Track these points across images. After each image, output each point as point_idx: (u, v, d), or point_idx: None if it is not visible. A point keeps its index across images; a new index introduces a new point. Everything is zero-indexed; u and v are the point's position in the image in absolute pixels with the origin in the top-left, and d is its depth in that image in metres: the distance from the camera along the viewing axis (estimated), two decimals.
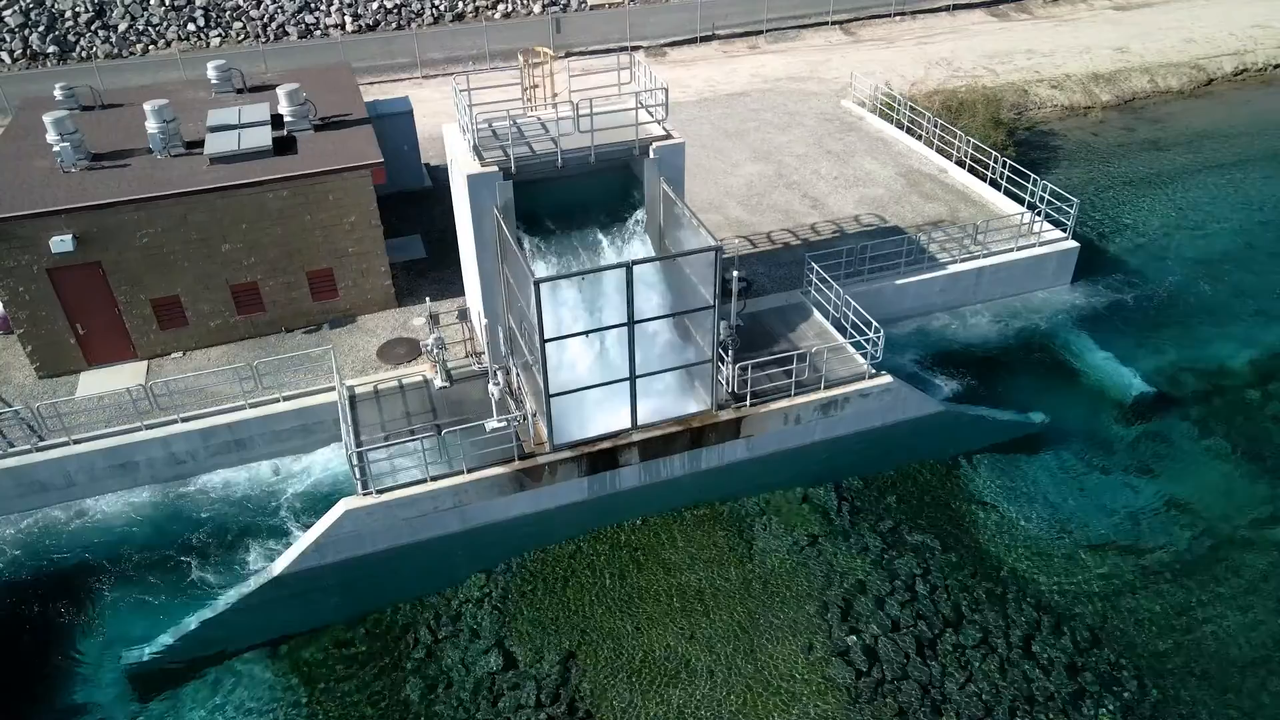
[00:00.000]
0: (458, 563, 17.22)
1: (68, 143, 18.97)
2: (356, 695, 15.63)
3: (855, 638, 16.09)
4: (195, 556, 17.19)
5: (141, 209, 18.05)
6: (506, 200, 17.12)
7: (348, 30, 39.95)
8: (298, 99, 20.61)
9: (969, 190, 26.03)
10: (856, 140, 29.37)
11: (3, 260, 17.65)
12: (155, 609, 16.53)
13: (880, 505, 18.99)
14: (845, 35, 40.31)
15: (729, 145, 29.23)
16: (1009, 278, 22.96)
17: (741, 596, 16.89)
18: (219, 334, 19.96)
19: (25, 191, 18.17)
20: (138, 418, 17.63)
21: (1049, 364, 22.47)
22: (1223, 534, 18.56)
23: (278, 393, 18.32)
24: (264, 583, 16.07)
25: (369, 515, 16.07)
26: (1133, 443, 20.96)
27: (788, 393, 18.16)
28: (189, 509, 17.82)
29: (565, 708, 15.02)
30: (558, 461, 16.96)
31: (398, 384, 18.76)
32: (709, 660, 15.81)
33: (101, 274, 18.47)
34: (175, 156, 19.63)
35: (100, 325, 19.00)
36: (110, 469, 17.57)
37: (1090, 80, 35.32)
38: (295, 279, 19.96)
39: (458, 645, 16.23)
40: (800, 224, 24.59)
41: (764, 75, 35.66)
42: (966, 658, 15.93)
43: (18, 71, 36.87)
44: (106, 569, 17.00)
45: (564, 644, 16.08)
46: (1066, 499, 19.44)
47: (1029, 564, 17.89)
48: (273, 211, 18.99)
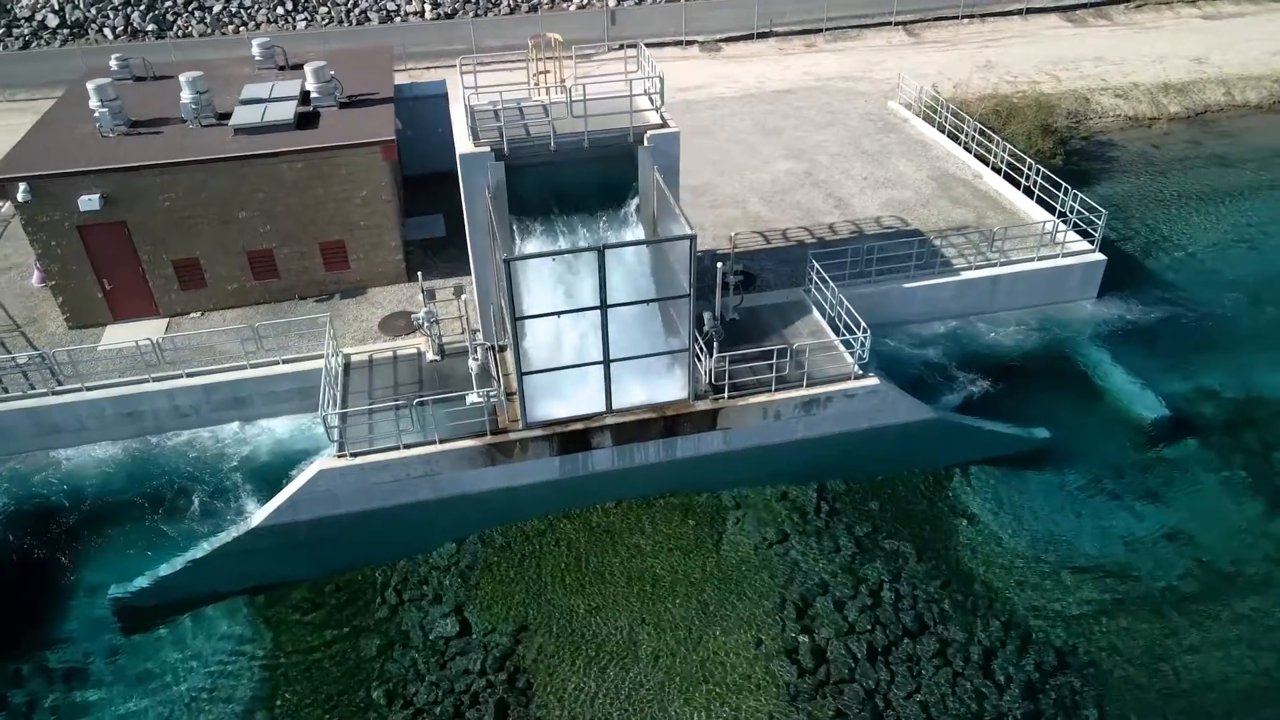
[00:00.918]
0: (433, 530, 17.71)
1: (107, 109, 20.20)
2: (318, 648, 16.28)
3: (806, 637, 15.93)
4: (187, 503, 18.17)
5: (164, 174, 19.12)
6: (499, 181, 17.49)
7: (426, 17, 41.08)
8: (324, 76, 21.45)
9: (1000, 197, 25.25)
10: (894, 142, 28.79)
11: (37, 215, 18.95)
12: (145, 549, 17.55)
13: (861, 509, 18.70)
14: (907, 36, 39.47)
15: (764, 141, 29.03)
16: (1028, 288, 22.21)
17: (700, 586, 16.90)
18: (235, 297, 20.96)
19: (62, 152, 19.46)
20: (146, 371, 18.70)
21: (1064, 379, 21.66)
22: (1220, 571, 17.66)
23: (278, 356, 19.15)
24: (243, 533, 16.85)
25: (342, 476, 16.69)
26: (1144, 468, 20.08)
27: (768, 388, 18.04)
28: (188, 458, 18.80)
29: (506, 677, 15.34)
30: (529, 439, 17.28)
31: (392, 355, 19.37)
32: (656, 645, 15.90)
33: (127, 233, 19.63)
34: (206, 126, 20.68)
35: (125, 282, 20.20)
36: (118, 417, 18.70)
37: (1159, 90, 33.72)
38: (308, 249, 20.81)
39: (420, 608, 16.73)
40: (818, 223, 24.30)
41: (815, 74, 35.25)
42: (919, 668, 15.61)
43: (118, 44, 39.18)
44: (107, 509, 18.11)
45: (518, 616, 16.41)
46: (1060, 519, 18.78)
47: (1005, 581, 17.38)
48: (287, 182, 19.84)
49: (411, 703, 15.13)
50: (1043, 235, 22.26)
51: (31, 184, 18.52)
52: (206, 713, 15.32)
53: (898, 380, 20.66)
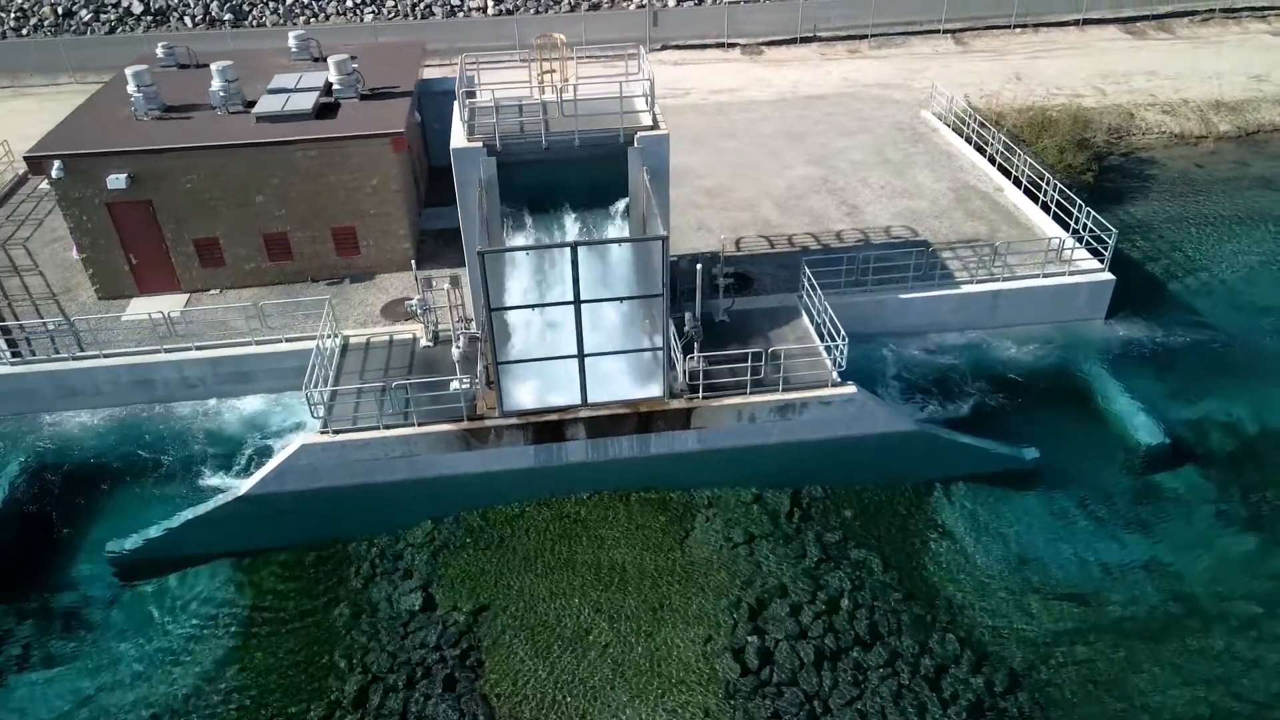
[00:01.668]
0: (412, 508, 18.37)
1: (141, 94, 21.46)
2: (293, 613, 17.13)
3: (756, 638, 16.11)
4: (187, 468, 19.22)
5: (186, 157, 20.25)
6: (490, 175, 18.06)
7: (489, 13, 42.12)
8: (346, 69, 22.37)
9: (1017, 212, 24.83)
10: (920, 152, 28.52)
11: (69, 192, 20.28)
12: (144, 508, 18.64)
13: (834, 517, 18.76)
14: (956, 44, 38.88)
15: (787, 146, 29.07)
16: (1031, 304, 21.85)
17: (659, 581, 17.22)
18: (252, 277, 22.03)
19: (96, 133, 20.77)
20: (159, 342, 19.86)
21: (1062, 399, 21.24)
22: (1199, 607, 17.17)
23: (282, 334, 20.10)
24: (232, 499, 17.80)
25: (324, 452, 17.50)
26: (1136, 496, 19.63)
27: (743, 390, 18.23)
28: (192, 427, 19.89)
29: (459, 653, 15.93)
30: (504, 427, 17.83)
31: (388, 339, 20.16)
32: (608, 635, 16.28)
33: (152, 212, 20.84)
34: (233, 113, 21.80)
35: (150, 258, 21.44)
36: (132, 384, 19.90)
37: (1210, 108, 32.55)
38: (321, 233, 21.75)
39: (391, 582, 17.45)
40: (826, 229, 24.29)
41: (853, 80, 35.04)
42: (865, 677, 15.66)
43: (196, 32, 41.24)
44: (114, 469, 19.30)
45: (481, 597, 16.99)
46: (1038, 541, 18.52)
47: (969, 598, 17.25)
48: (301, 169, 20.79)
49: (369, 670, 15.83)
50: (1048, 252, 21.86)
51: (65, 162, 19.83)
52: (184, 664, 16.28)
53: (885, 389, 20.76)
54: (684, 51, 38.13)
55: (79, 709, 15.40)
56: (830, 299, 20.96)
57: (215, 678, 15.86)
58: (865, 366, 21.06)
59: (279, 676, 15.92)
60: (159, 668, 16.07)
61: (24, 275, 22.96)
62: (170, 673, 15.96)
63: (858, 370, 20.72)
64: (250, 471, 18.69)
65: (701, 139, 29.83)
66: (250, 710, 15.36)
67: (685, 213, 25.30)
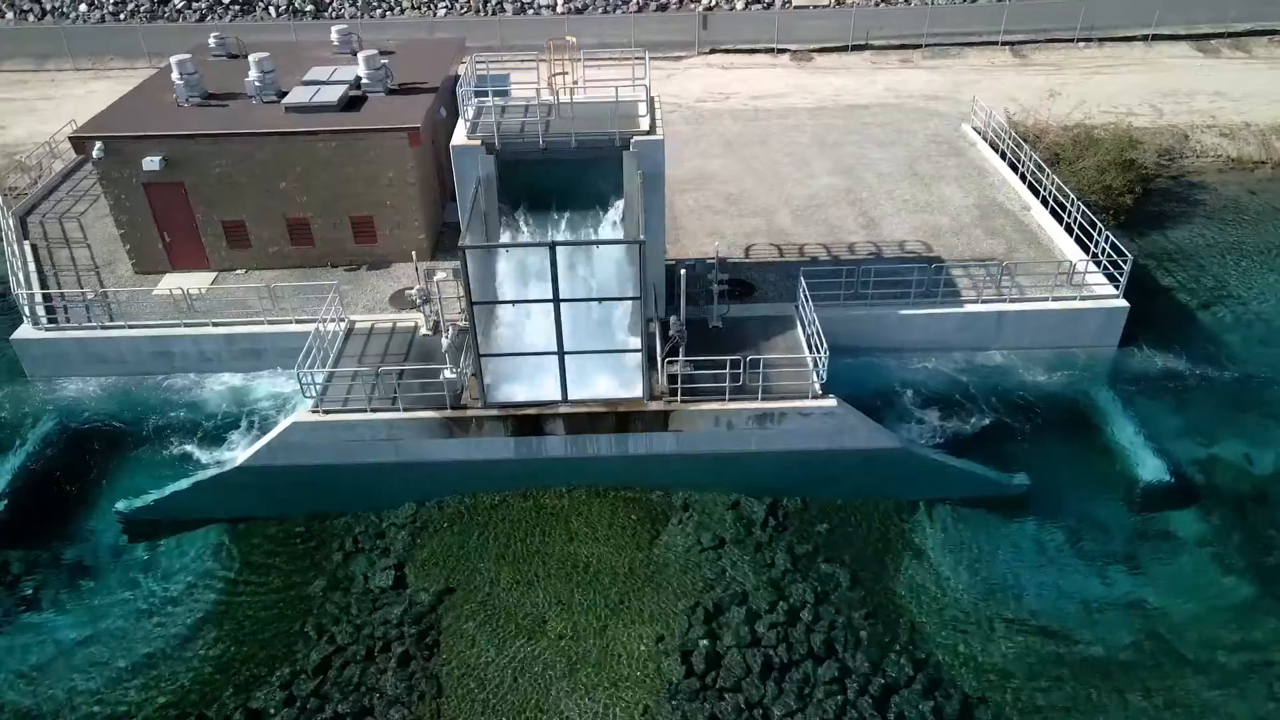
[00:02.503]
0: (399, 489, 19.03)
1: (183, 82, 22.73)
2: (274, 580, 17.99)
3: (707, 642, 16.27)
4: (195, 437, 20.34)
5: (215, 143, 21.38)
6: (489, 173, 18.63)
7: (558, 10, 42.78)
8: (374, 65, 23.23)
9: (1040, 232, 24.24)
10: (953, 166, 28.03)
11: (110, 171, 21.64)
12: (153, 472, 19.80)
13: (809, 529, 18.76)
14: (1013, 57, 37.95)
15: (817, 155, 28.93)
16: (1038, 327, 21.35)
17: (622, 578, 17.52)
18: (275, 259, 23.11)
19: (139, 117, 22.11)
20: (178, 317, 21.06)
21: (1063, 427, 20.74)
22: (1176, 651, 16.59)
23: (293, 315, 21.07)
24: (229, 470, 18.81)
25: (313, 430, 18.33)
26: (1132, 533, 19.05)
27: (721, 396, 18.36)
28: (205, 397, 21.05)
29: (418, 632, 16.52)
30: (485, 418, 18.37)
31: (392, 326, 20.93)
32: (564, 626, 16.67)
33: (184, 193, 22.06)
34: (267, 103, 22.90)
35: (182, 236, 22.70)
36: (153, 355, 21.15)
37: (1273, 132, 31.06)
38: (340, 221, 22.68)
39: (369, 559, 18.18)
40: (839, 240, 24.14)
41: (899, 90, 34.57)
42: (811, 691, 15.67)
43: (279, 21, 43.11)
44: (129, 433, 20.53)
45: (449, 579, 17.57)
46: (1017, 570, 18.14)
47: (933, 620, 17.05)
48: (322, 159, 21.72)
49: (335, 640, 16.55)
50: (1058, 275, 21.32)
51: (105, 143, 21.17)
52: (171, 616, 17.25)
53: (878, 405, 20.56)
54: (732, 56, 38.18)
55: (65, 654, 16.51)
56: (830, 311, 20.95)
57: (193, 636, 16.81)
58: (860, 381, 20.97)
59: (252, 639, 16.77)
60: (144, 622, 17.09)
61: (73, 247, 24.63)
62: (153, 628, 16.98)
63: (852, 384, 20.72)
64: (251, 443, 19.68)
65: (732, 144, 29.92)
66: (220, 668, 16.24)
67: (700, 217, 25.48)
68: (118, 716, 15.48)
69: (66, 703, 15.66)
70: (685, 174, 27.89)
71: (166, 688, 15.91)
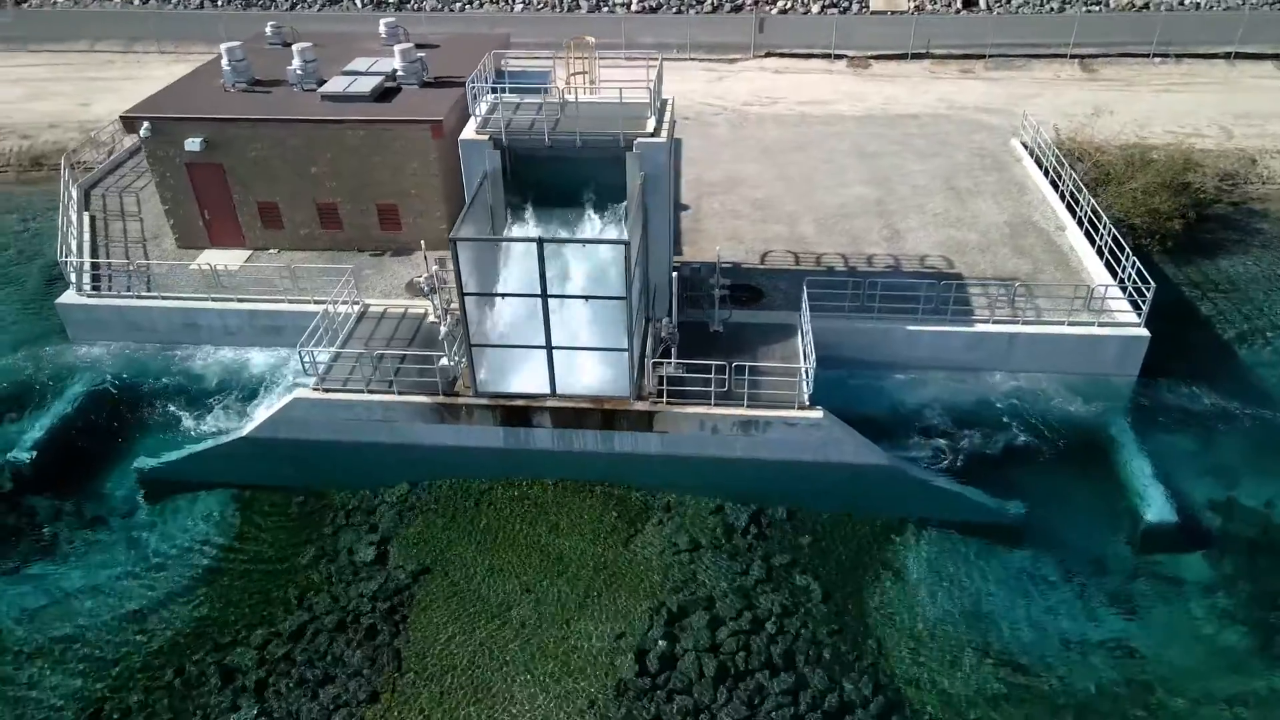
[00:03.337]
0: (395, 469, 19.67)
1: (231, 68, 23.89)
2: (267, 549, 18.83)
3: (665, 643, 16.38)
4: (215, 404, 21.44)
5: (252, 127, 22.42)
6: (495, 168, 19.08)
7: (633, 9, 43.11)
8: (410, 58, 23.97)
9: (1070, 254, 23.43)
10: (992, 181, 27.29)
11: (156, 150, 22.93)
12: (172, 435, 20.97)
13: (790, 540, 18.66)
14: (1082, 71, 36.60)
15: (854, 164, 28.52)
16: (1051, 351, 20.67)
17: (593, 573, 17.76)
18: (306, 241, 24.10)
19: (185, 100, 23.34)
20: (206, 291, 22.19)
21: (1069, 457, 20.05)
22: (1156, 700, 16.00)
23: (312, 295, 21.95)
24: (236, 439, 19.76)
25: (313, 406, 19.11)
26: (1132, 573, 18.34)
27: (706, 400, 18.39)
28: (225, 368, 22.14)
29: (389, 607, 17.10)
30: (475, 406, 18.83)
31: (403, 312, 21.62)
32: (528, 614, 17.01)
33: (223, 174, 23.20)
34: (306, 91, 23.87)
35: (221, 215, 23.87)
36: (183, 325, 22.34)
37: None
38: (367, 208, 23.50)
39: (357, 533, 18.87)
40: (858, 251, 23.81)
41: (953, 101, 33.76)
42: (762, 701, 15.64)
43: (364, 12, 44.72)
44: (153, 397, 21.71)
45: (427, 559, 18.11)
46: (999, 600, 17.67)
47: (900, 643, 16.77)
48: (350, 147, 22.54)
49: (311, 608, 17.27)
50: (1074, 298, 20.60)
51: (152, 123, 22.44)
52: (170, 569, 18.25)
53: (873, 420, 20.25)
54: (787, 60, 37.87)
55: (67, 599, 17.66)
56: (836, 323, 20.82)
57: (184, 594, 17.76)
58: (860, 394, 20.75)
59: (238, 601, 17.61)
60: (141, 577, 18.13)
61: (127, 220, 26.15)
62: (148, 583, 18.00)
63: (851, 397, 20.57)
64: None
65: (770, 149, 29.75)
66: (204, 626, 17.13)
67: (723, 221, 25.47)
68: (104, 661, 16.50)
69: (58, 645, 16.76)
70: (716, 177, 27.90)
71: (151, 640, 16.87)
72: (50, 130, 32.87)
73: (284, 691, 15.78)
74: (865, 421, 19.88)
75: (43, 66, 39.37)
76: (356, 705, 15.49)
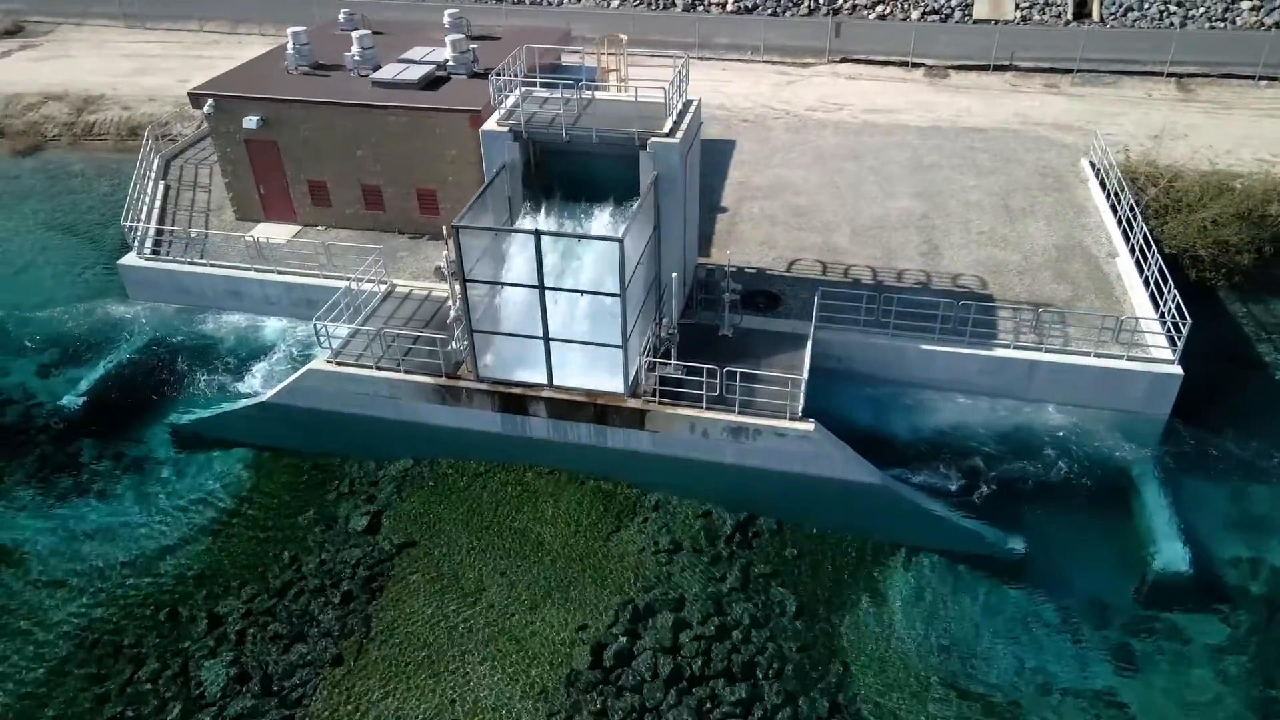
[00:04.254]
0: (403, 444, 20.38)
1: (295, 52, 25.13)
2: (274, 507, 19.80)
3: (625, 639, 16.47)
4: (248, 368, 22.67)
5: (304, 108, 23.54)
6: (514, 159, 19.51)
7: (727, 9, 43.01)
8: (460, 48, 24.68)
9: (1116, 283, 22.24)
10: (1050, 202, 26.13)
11: (219, 126, 24.34)
12: (205, 394, 22.29)
13: (774, 552, 18.46)
14: (1178, 91, 34.52)
15: (906, 176, 27.78)
16: (1075, 383, 19.73)
17: (570, 563, 17.99)
18: (351, 220, 25.15)
19: (248, 80, 24.67)
20: (249, 262, 23.44)
21: (1083, 495, 19.17)
22: None
23: (345, 272, 22.89)
24: (259, 402, 20.84)
25: (326, 379, 19.97)
26: (1134, 624, 17.42)
27: (698, 403, 18.34)
28: (260, 335, 23.39)
29: (368, 575, 17.76)
30: (474, 390, 19.31)
31: (427, 294, 22.32)
32: (498, 596, 17.38)
33: (277, 151, 24.44)
34: (361, 76, 24.89)
35: (275, 190, 25.15)
36: (226, 293, 23.68)
37: None
38: (408, 192, 24.34)
39: (356, 502, 19.65)
40: (889, 265, 23.22)
41: (1028, 116, 32.39)
42: (712, 709, 15.55)
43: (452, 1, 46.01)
44: (197, 356, 23.12)
45: (414, 534, 18.71)
46: (982, 636, 17.07)
47: (869, 668, 16.40)
48: (394, 133, 23.39)
49: (301, 569, 18.11)
50: (1102, 329, 19.57)
51: (215, 100, 23.83)
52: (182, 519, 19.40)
53: (874, 437, 19.81)
54: (862, 66, 37.07)
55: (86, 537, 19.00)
56: (850, 336, 20.49)
57: (189, 542, 18.88)
58: (867, 410, 20.36)
59: (236, 555, 18.59)
60: (159, 521, 19.35)
61: (197, 190, 27.82)
62: (165, 527, 19.21)
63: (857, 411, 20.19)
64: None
65: (823, 156, 29.27)
66: (202, 574, 18.17)
67: (758, 226, 25.25)
68: (110, 597, 17.71)
69: (75, 577, 18.09)
70: (762, 182, 27.65)
71: (154, 582, 18.02)
72: (149, 103, 35.20)
73: (258, 643, 16.62)
74: (868, 438, 19.52)
75: (155, 44, 42.15)
76: (320, 665, 16.19)
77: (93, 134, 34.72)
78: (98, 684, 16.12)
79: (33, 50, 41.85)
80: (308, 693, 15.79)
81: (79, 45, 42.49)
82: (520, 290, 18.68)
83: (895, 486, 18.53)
